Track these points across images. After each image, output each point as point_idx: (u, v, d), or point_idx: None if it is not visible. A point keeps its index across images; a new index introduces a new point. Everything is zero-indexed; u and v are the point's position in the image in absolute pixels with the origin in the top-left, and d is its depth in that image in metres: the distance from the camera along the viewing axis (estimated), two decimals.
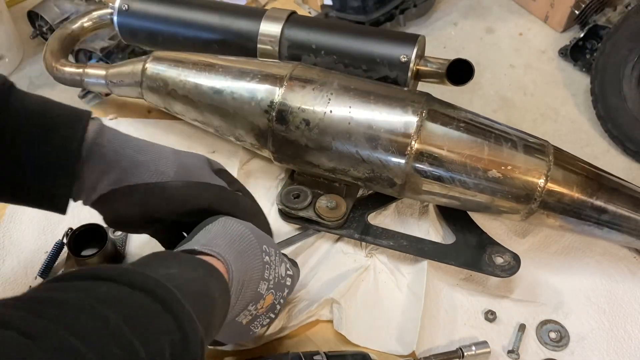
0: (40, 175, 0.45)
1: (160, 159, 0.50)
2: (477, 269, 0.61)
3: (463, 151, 0.57)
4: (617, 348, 0.58)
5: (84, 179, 0.47)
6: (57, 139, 0.45)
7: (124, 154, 0.48)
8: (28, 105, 0.45)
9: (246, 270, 0.45)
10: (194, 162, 0.53)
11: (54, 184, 0.46)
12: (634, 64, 0.76)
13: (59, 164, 0.45)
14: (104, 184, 0.48)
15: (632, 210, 0.58)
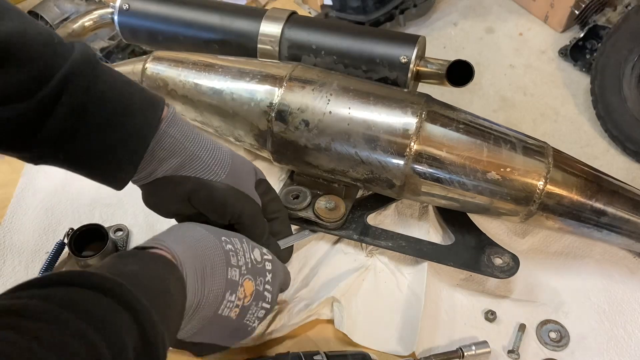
0: (107, 156, 0.47)
1: (217, 158, 0.53)
2: (476, 270, 0.61)
3: (462, 153, 0.58)
4: (617, 348, 0.58)
5: (146, 163, 0.49)
6: (131, 126, 0.47)
7: (186, 146, 0.51)
8: (111, 87, 0.46)
9: (203, 258, 0.45)
10: (244, 169, 0.56)
11: (119, 167, 0.48)
12: (634, 64, 0.76)
13: (129, 149, 0.47)
14: (161, 170, 0.50)
15: (632, 212, 0.58)
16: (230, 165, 0.54)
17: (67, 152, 0.46)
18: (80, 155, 0.46)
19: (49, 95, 0.42)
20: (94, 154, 0.47)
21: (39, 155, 0.46)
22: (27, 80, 0.41)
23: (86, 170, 0.48)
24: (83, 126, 0.44)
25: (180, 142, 0.50)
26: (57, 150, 0.45)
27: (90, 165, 0.48)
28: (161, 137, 0.49)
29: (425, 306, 0.58)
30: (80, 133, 0.45)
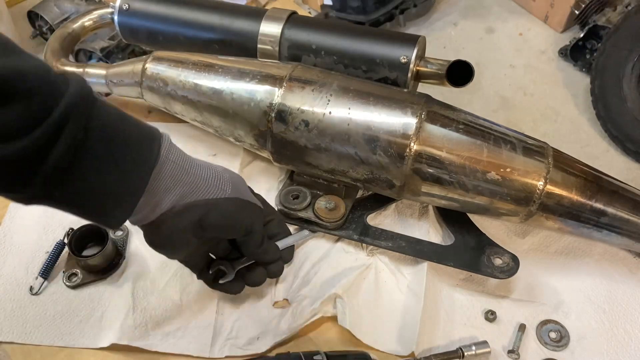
0: (105, 193, 0.45)
1: (218, 175, 0.52)
2: (476, 270, 0.61)
3: (462, 153, 0.58)
4: (617, 348, 0.58)
5: (149, 197, 0.47)
6: (130, 161, 0.45)
7: (189, 170, 0.49)
8: (108, 122, 0.44)
9: None
10: (239, 180, 0.56)
11: (117, 204, 0.46)
12: (634, 64, 0.76)
13: (128, 185, 0.45)
14: (166, 202, 0.48)
15: (632, 212, 0.58)
16: (231, 179, 0.53)
17: (63, 191, 0.43)
18: (76, 194, 0.44)
19: (47, 133, 0.40)
20: (91, 192, 0.44)
21: (32, 194, 0.43)
22: (24, 117, 0.39)
23: (81, 210, 0.46)
24: (81, 164, 0.42)
25: (182, 166, 0.49)
26: (52, 190, 0.42)
27: (86, 204, 0.46)
28: (162, 165, 0.47)
29: (425, 306, 0.58)
30: (78, 171, 0.43)
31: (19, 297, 0.61)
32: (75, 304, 0.61)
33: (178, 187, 0.49)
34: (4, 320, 0.59)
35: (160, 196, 0.48)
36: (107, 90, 0.74)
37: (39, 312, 0.60)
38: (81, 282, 0.62)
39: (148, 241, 0.52)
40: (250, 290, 0.61)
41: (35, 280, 0.62)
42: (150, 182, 0.46)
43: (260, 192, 0.70)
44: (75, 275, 0.62)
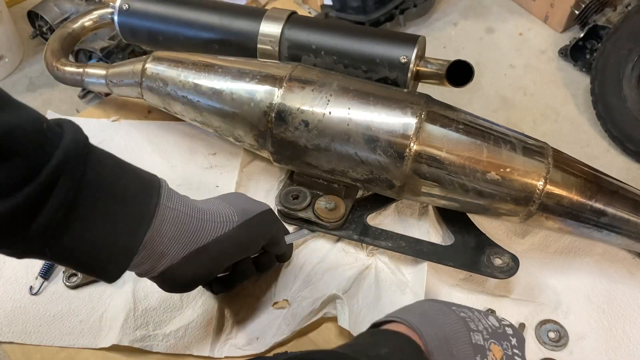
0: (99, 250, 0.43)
1: (221, 208, 0.51)
2: (476, 270, 0.61)
3: (462, 153, 0.58)
4: (615, 348, 0.58)
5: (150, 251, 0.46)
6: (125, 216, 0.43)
7: (192, 214, 0.48)
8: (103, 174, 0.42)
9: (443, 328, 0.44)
10: (242, 199, 0.54)
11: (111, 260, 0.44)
12: (634, 64, 0.76)
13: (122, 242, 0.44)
14: (172, 252, 0.47)
15: (632, 212, 0.58)
16: (233, 205, 0.51)
17: (55, 247, 0.41)
18: (69, 250, 0.42)
19: (39, 190, 0.38)
20: (84, 248, 0.43)
21: (23, 250, 0.41)
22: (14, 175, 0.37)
23: (74, 265, 0.45)
24: (74, 220, 0.41)
25: (184, 213, 0.47)
26: (44, 246, 0.41)
27: (79, 260, 0.44)
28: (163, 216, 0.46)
29: None
30: (71, 228, 0.41)
31: (19, 297, 0.61)
32: (75, 304, 0.61)
33: (183, 236, 0.47)
34: (4, 320, 0.59)
35: (164, 247, 0.46)
36: (107, 91, 0.75)
37: (39, 312, 0.60)
38: (81, 283, 0.62)
39: (164, 289, 0.51)
40: (250, 290, 0.61)
41: (35, 280, 0.62)
42: (150, 235, 0.45)
43: (260, 192, 0.71)
44: (75, 276, 0.62)
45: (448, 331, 0.43)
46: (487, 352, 0.44)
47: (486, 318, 0.47)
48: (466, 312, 0.46)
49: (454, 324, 0.44)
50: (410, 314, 0.44)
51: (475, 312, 0.47)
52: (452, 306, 0.47)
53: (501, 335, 0.46)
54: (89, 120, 0.78)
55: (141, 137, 0.76)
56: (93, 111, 0.80)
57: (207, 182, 0.71)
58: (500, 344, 0.45)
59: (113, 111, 0.80)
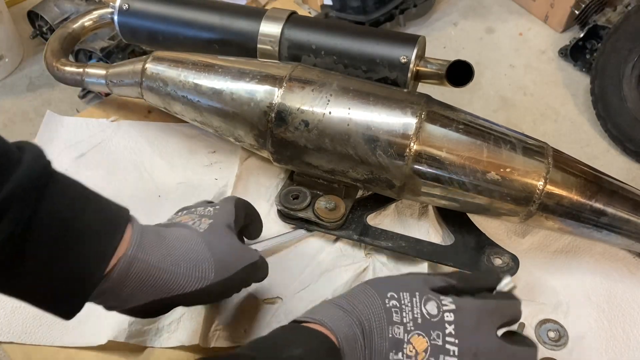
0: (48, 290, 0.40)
1: (199, 261, 0.47)
2: (476, 270, 0.61)
3: (462, 153, 0.58)
4: (615, 348, 0.59)
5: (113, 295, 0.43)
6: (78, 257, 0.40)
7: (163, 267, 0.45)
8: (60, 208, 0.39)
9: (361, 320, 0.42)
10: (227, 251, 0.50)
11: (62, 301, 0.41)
12: (634, 64, 0.76)
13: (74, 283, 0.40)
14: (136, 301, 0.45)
15: (632, 212, 0.58)
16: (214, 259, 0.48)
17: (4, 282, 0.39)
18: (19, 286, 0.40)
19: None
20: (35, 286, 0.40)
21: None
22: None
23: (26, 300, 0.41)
24: (23, 256, 0.37)
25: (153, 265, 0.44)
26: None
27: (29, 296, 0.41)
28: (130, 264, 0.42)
29: None
30: (20, 264, 0.38)
31: None
32: None
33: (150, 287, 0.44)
34: (3, 320, 0.59)
35: (128, 293, 0.43)
36: (107, 91, 0.75)
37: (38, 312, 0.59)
38: None
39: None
40: None
41: None
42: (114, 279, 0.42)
43: (260, 189, 0.71)
44: None
45: (366, 325, 0.42)
46: (404, 346, 0.42)
47: (424, 305, 0.44)
48: (398, 300, 0.43)
49: (374, 317, 0.42)
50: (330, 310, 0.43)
51: (415, 298, 0.44)
52: (388, 292, 0.44)
53: (433, 325, 0.43)
54: (89, 120, 0.78)
55: (141, 137, 0.76)
56: (93, 111, 0.80)
57: (207, 178, 0.72)
58: (426, 335, 0.42)
59: (113, 111, 0.80)
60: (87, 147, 0.75)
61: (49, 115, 0.77)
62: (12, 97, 0.86)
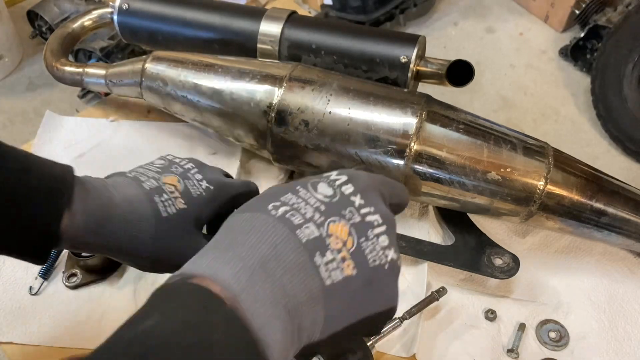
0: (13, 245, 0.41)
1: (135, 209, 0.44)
2: (476, 270, 0.61)
3: (462, 153, 0.57)
4: (616, 348, 0.58)
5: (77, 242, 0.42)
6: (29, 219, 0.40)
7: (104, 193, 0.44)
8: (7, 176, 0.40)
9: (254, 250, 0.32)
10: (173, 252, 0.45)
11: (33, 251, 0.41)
12: (634, 64, 0.75)
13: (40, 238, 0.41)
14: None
15: (632, 212, 0.58)
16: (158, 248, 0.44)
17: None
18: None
19: None
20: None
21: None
22: None
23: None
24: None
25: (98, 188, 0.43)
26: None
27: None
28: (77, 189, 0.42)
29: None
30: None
31: (18, 297, 0.61)
32: (75, 304, 0.61)
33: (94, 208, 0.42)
34: (3, 320, 0.59)
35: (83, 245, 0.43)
36: (106, 90, 0.74)
37: (38, 312, 0.60)
38: (81, 283, 0.62)
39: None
40: None
41: (35, 280, 0.62)
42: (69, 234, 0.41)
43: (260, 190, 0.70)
44: (75, 276, 0.62)
45: (264, 251, 0.32)
46: (326, 241, 0.33)
47: (315, 192, 0.35)
48: (288, 202, 0.35)
49: (270, 236, 0.32)
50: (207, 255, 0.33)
51: (301, 192, 0.35)
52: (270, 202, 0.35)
53: (339, 204, 0.35)
54: (88, 120, 0.78)
55: (141, 137, 0.76)
56: (93, 111, 0.80)
57: None
58: (341, 217, 0.34)
59: (113, 111, 0.80)
60: (86, 147, 0.74)
61: (49, 115, 0.77)
62: (11, 97, 0.86)
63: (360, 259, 0.34)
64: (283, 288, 0.31)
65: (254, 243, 0.32)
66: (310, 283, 0.32)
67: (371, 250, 0.34)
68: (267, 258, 0.31)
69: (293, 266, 0.32)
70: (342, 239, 0.34)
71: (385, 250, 0.35)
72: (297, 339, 0.32)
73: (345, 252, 0.33)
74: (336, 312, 0.33)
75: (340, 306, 0.33)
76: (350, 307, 0.34)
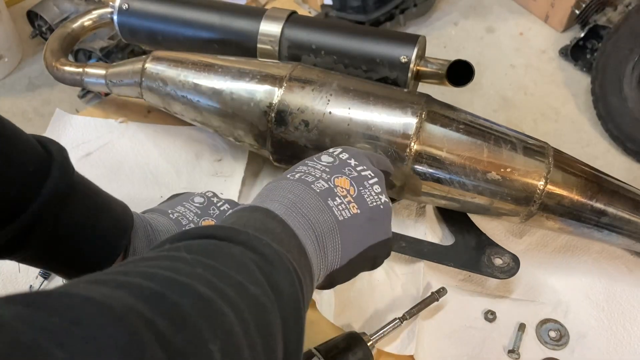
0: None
1: None
2: (476, 270, 0.61)
3: (462, 153, 0.57)
4: (616, 346, 0.59)
5: None
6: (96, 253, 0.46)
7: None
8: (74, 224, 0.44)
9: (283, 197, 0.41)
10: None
11: None
12: (634, 64, 0.75)
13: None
14: None
15: (632, 212, 0.58)
16: None
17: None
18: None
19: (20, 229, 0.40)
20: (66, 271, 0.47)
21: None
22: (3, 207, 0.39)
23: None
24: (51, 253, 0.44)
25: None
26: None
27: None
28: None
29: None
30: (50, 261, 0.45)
31: None
32: None
33: None
34: None
35: None
36: (106, 90, 0.74)
37: None
38: None
39: None
40: None
41: (35, 279, 0.62)
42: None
43: None
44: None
45: (291, 198, 0.41)
46: (334, 190, 0.43)
47: (320, 162, 0.46)
48: (300, 170, 0.45)
49: (293, 190, 0.42)
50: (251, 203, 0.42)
51: (309, 163, 0.46)
52: (287, 174, 0.45)
53: (339, 166, 0.46)
54: (97, 120, 0.78)
55: (148, 140, 0.76)
56: (93, 111, 0.80)
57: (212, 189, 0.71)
58: (343, 174, 0.44)
59: (113, 111, 0.80)
60: (94, 147, 0.75)
61: (58, 113, 0.78)
62: (11, 97, 0.86)
63: (361, 202, 0.43)
64: (310, 220, 0.40)
65: (283, 194, 0.41)
66: (328, 219, 0.41)
67: (369, 195, 0.44)
68: (295, 202, 0.41)
69: (314, 207, 0.41)
70: (346, 188, 0.43)
71: (379, 195, 0.44)
72: (323, 264, 0.40)
73: (349, 197, 0.43)
74: (349, 241, 0.41)
75: (351, 236, 0.41)
76: (359, 237, 0.42)
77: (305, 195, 0.41)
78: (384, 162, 0.52)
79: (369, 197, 0.44)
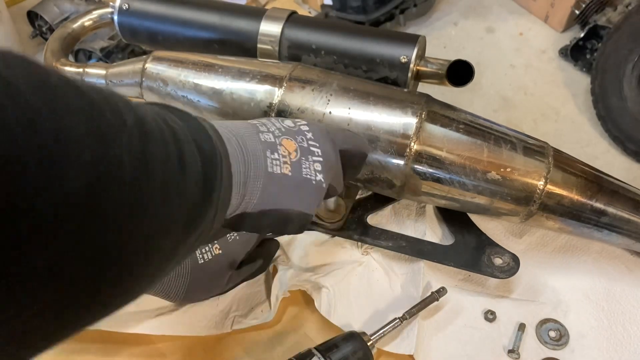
0: None
1: None
2: (476, 270, 0.61)
3: (462, 153, 0.57)
4: (616, 346, 0.58)
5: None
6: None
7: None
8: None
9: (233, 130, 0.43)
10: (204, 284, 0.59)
11: None
12: (634, 64, 0.75)
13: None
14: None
15: (632, 212, 0.58)
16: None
17: None
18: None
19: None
20: None
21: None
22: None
23: None
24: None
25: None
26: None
27: None
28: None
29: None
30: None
31: None
32: None
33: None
34: None
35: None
36: None
37: None
38: None
39: None
40: None
41: None
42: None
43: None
44: None
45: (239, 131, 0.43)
46: (278, 147, 0.44)
47: (281, 122, 0.48)
48: (260, 120, 0.47)
49: (244, 128, 0.44)
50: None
51: (271, 120, 0.48)
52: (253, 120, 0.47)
53: (296, 132, 0.47)
54: None
55: None
56: None
57: None
58: (294, 139, 0.46)
59: None
60: None
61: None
62: None
63: (296, 168, 0.45)
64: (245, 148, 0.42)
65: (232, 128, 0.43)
66: (259, 164, 0.42)
67: (307, 167, 0.45)
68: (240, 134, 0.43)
69: (253, 150, 0.43)
70: (289, 150, 0.45)
71: (317, 174, 0.46)
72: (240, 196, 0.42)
73: (288, 159, 0.44)
74: (269, 194, 0.43)
75: (273, 190, 0.43)
76: (279, 196, 0.43)
77: (250, 136, 0.44)
78: (357, 141, 0.54)
79: (306, 168, 0.45)
